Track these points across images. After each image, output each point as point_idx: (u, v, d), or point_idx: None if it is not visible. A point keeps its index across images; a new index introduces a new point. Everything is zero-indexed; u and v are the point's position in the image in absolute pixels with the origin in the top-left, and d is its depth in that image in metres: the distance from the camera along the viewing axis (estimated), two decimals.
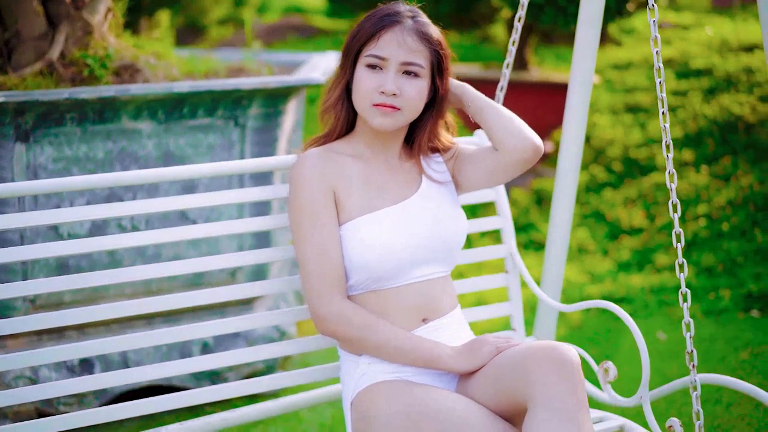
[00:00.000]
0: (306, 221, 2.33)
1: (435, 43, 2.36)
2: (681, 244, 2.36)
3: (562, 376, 2.10)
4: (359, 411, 2.32)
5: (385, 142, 2.43)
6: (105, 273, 2.36)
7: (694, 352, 2.35)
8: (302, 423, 3.64)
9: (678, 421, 2.33)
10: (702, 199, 5.78)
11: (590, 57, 2.91)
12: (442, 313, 2.42)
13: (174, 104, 3.48)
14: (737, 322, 4.54)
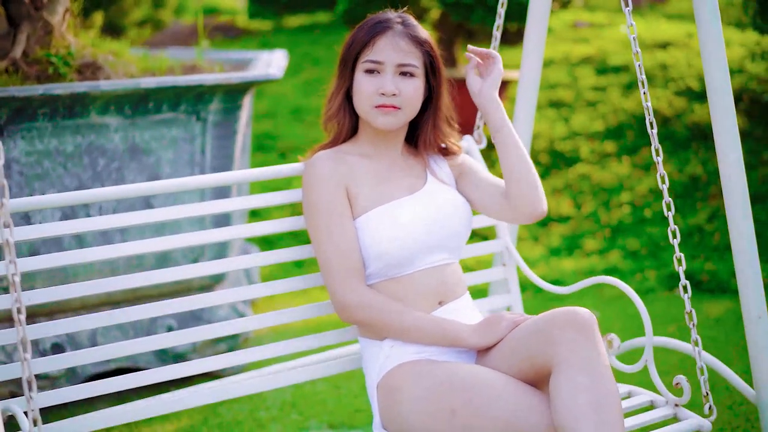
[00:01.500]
0: (324, 218, 2.48)
1: (426, 45, 2.54)
2: (677, 240, 2.56)
3: (585, 337, 2.25)
4: (387, 392, 2.46)
5: (388, 141, 2.60)
6: (72, 253, 2.41)
7: (693, 313, 2.56)
8: (265, 401, 3.83)
9: (684, 377, 2.55)
10: (625, 187, 6.14)
11: (539, 54, 3.18)
12: (456, 296, 2.58)
13: (139, 99, 3.65)
14: (663, 299, 4.87)
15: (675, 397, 2.58)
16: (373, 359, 2.53)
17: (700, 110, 6.83)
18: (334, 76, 2.60)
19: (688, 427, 2.51)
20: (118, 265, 3.73)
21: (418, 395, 2.38)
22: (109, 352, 2.47)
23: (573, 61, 8.12)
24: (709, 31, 2.56)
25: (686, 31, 8.81)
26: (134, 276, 2.51)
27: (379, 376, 2.50)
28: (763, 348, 2.63)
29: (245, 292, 2.64)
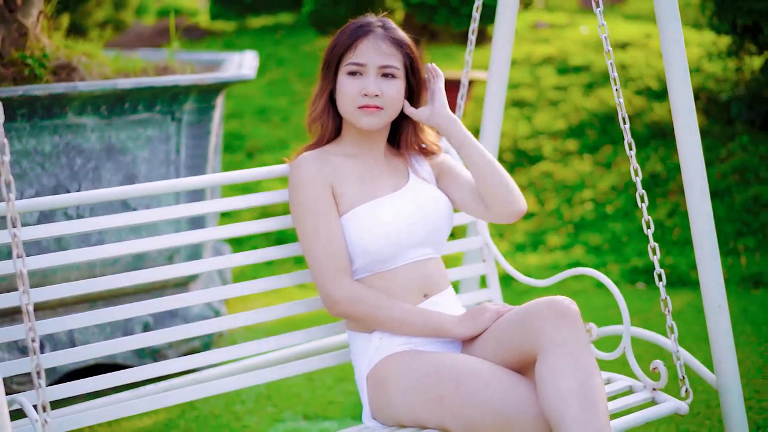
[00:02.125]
0: (311, 217, 2.57)
1: (406, 47, 2.64)
2: (651, 230, 2.66)
3: (568, 324, 2.35)
4: (377, 382, 2.55)
5: (371, 141, 2.69)
6: (52, 255, 2.48)
7: (668, 300, 2.67)
8: (240, 394, 3.92)
9: (661, 362, 2.64)
10: (587, 184, 6.29)
11: (507, 52, 3.29)
12: (439, 289, 2.68)
13: (116, 100, 3.72)
14: (625, 293, 5.01)
15: (652, 381, 2.69)
16: (362, 351, 2.61)
17: (659, 109, 7.00)
18: (318, 79, 2.68)
19: (666, 410, 2.61)
20: (96, 264, 3.79)
21: (407, 385, 2.47)
22: (91, 351, 2.50)
23: (535, 62, 8.27)
24: (670, 32, 2.68)
25: (645, 31, 9.00)
26: (110, 278, 2.55)
27: (369, 367, 2.59)
28: (723, 335, 2.75)
29: (221, 292, 2.70)
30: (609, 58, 2.65)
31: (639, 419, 2.57)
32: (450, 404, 2.39)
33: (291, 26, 10.98)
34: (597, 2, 2.64)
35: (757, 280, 5.15)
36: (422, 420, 2.46)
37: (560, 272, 5.20)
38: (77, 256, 2.52)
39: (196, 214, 2.67)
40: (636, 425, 2.56)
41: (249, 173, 2.77)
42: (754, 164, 6.09)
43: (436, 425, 2.44)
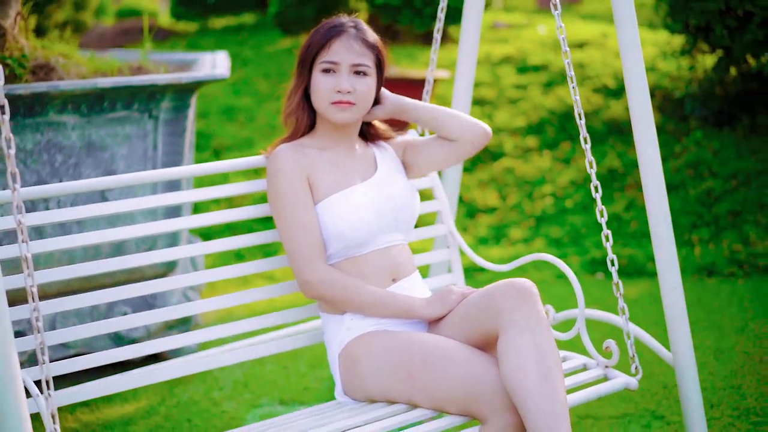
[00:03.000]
0: (288, 205, 2.71)
1: (376, 46, 2.81)
2: (604, 219, 2.82)
3: (527, 303, 2.52)
4: (348, 360, 2.71)
5: (343, 134, 2.85)
6: (35, 242, 2.59)
7: (620, 284, 2.85)
8: (218, 381, 4.06)
9: (613, 341, 2.82)
10: (547, 180, 6.48)
11: (473, 52, 3.46)
12: (407, 273, 2.84)
13: (95, 99, 3.84)
14: (585, 283, 5.21)
15: (605, 359, 2.87)
16: (334, 332, 2.77)
17: (615, 106, 7.22)
18: (293, 76, 2.84)
19: (617, 385, 2.79)
20: (76, 255, 3.91)
21: (377, 363, 2.63)
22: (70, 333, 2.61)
23: (494, 61, 8.45)
24: (627, 33, 2.85)
25: (601, 31, 9.23)
26: (95, 263, 2.68)
27: (341, 347, 2.74)
28: (679, 315, 2.94)
29: (196, 277, 2.83)
30: (566, 58, 2.82)
31: (592, 394, 2.74)
32: (419, 380, 2.55)
33: (254, 27, 11.08)
34: (555, 5, 2.82)
35: (710, 270, 5.37)
36: (392, 395, 2.62)
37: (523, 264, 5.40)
38: (76, 240, 2.65)
39: (173, 203, 2.81)
40: (589, 400, 2.73)
41: (227, 164, 2.92)
42: (707, 159, 6.31)
43: (405, 400, 2.60)
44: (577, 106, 2.83)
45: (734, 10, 6.23)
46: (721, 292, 5.09)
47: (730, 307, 4.87)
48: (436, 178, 3.29)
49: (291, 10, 7.47)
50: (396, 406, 2.63)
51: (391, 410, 2.61)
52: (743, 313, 4.77)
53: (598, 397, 2.76)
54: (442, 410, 2.56)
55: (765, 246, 5.50)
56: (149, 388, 3.99)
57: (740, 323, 4.62)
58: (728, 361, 4.15)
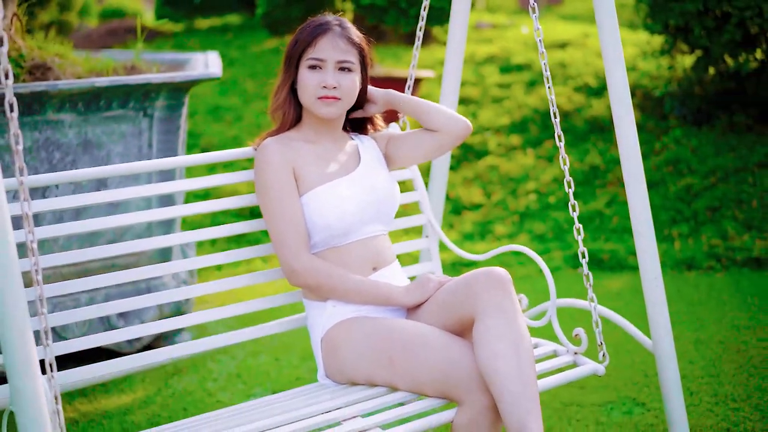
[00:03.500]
0: (275, 197, 2.83)
1: (360, 44, 2.93)
2: (576, 213, 2.94)
3: (501, 291, 2.63)
4: (330, 344, 2.83)
5: (328, 128, 2.97)
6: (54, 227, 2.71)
7: (590, 275, 2.99)
8: (212, 373, 4.17)
9: (582, 329, 2.95)
10: (530, 177, 6.62)
11: (460, 51, 3.58)
12: (387, 262, 2.96)
13: (92, 97, 3.95)
14: (568, 277, 5.35)
15: (574, 346, 2.99)
16: (317, 318, 2.89)
17: (597, 105, 7.36)
18: (280, 72, 2.95)
19: (586, 371, 2.91)
20: (73, 246, 4.01)
21: (358, 348, 2.75)
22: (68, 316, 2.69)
23: (478, 60, 8.59)
24: (609, 33, 2.97)
25: (582, 31, 9.38)
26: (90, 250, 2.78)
27: (323, 332, 2.86)
28: (659, 303, 3.06)
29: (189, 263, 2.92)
30: (543, 59, 2.95)
31: (562, 379, 2.85)
32: (398, 364, 2.67)
33: (239, 28, 11.19)
34: (533, 8, 2.95)
35: (689, 264, 5.51)
36: (373, 379, 2.74)
37: (507, 259, 5.51)
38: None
39: (167, 192, 2.92)
40: (559, 384, 2.85)
41: (218, 155, 3.04)
42: (686, 156, 6.46)
43: (385, 383, 2.72)
44: (552, 105, 2.95)
45: (712, 11, 6.38)
46: (700, 285, 5.23)
47: (709, 299, 5.01)
48: (416, 170, 3.39)
49: (278, 11, 7.58)
50: (377, 389, 2.74)
51: (372, 393, 2.73)
52: (722, 305, 4.91)
53: (568, 382, 2.87)
54: (420, 393, 2.68)
55: (743, 240, 5.65)
56: (145, 378, 4.10)
57: (719, 315, 4.76)
58: (707, 351, 4.28)
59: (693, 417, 3.59)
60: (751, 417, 3.62)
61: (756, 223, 5.81)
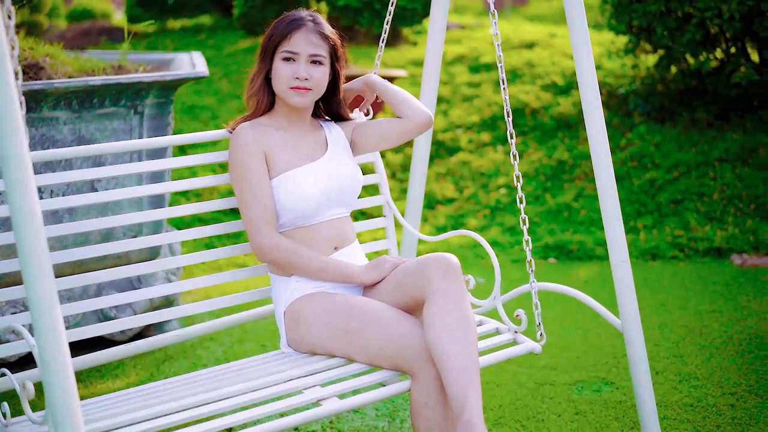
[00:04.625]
0: (246, 178, 3.03)
1: (331, 39, 3.13)
2: (523, 204, 3.15)
3: (450, 274, 2.87)
4: (292, 317, 3.05)
5: (298, 115, 3.18)
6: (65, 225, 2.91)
7: (533, 261, 3.22)
8: (201, 359, 4.35)
9: (523, 310, 3.17)
10: (501, 172, 6.85)
11: (439, 52, 3.79)
12: (348, 243, 3.19)
13: (86, 96, 4.12)
14: (538, 267, 5.57)
15: (515, 325, 3.19)
16: (281, 292, 3.10)
17: (564, 102, 7.61)
18: (256, 62, 3.16)
19: (524, 349, 3.11)
20: (68, 242, 4.18)
21: (318, 321, 2.97)
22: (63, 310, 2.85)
23: (448, 60, 8.81)
24: (579, 34, 3.18)
25: (548, 32, 9.63)
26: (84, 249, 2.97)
27: (286, 304, 3.07)
28: (626, 285, 3.27)
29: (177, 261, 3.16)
30: (500, 62, 3.14)
31: (501, 356, 3.06)
32: (355, 337, 2.89)
33: (211, 28, 11.34)
34: (493, 14, 3.17)
35: (654, 254, 5.77)
36: (331, 350, 2.96)
37: (478, 250, 5.72)
38: (70, 228, 2.96)
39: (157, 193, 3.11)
40: (499, 361, 3.06)
41: (198, 136, 3.27)
42: (650, 152, 6.72)
43: (343, 355, 2.95)
44: (506, 104, 3.16)
45: (674, 12, 6.64)
46: (665, 274, 5.48)
47: (673, 287, 5.26)
48: (377, 155, 3.60)
49: (254, 12, 7.76)
50: (335, 360, 2.96)
51: (331, 363, 2.95)
52: (684, 292, 5.16)
53: (507, 359, 3.08)
54: (376, 365, 2.91)
55: (704, 231, 5.91)
56: (138, 365, 4.27)
57: (682, 301, 5.01)
58: (671, 334, 4.52)
59: (659, 394, 3.82)
60: (713, 393, 3.85)
61: (717, 215, 6.08)
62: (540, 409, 3.76)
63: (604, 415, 3.69)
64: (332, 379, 2.88)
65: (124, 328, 3.06)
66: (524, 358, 4.23)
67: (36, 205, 2.03)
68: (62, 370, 2.09)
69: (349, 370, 2.91)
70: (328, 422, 3.66)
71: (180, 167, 3.25)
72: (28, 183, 2.03)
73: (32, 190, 2.03)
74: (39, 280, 2.03)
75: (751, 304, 4.94)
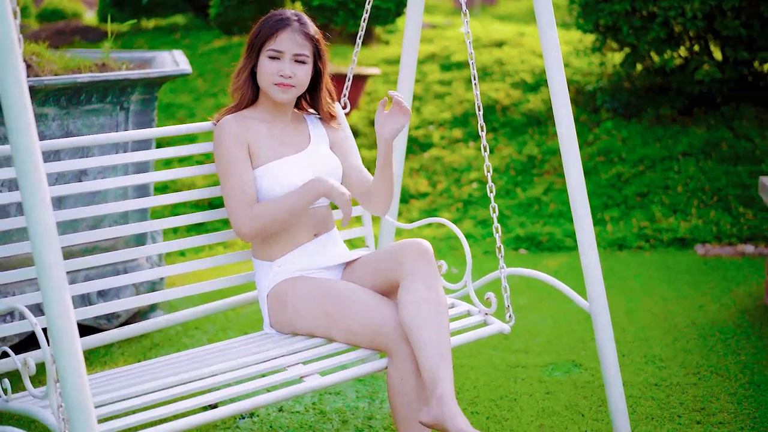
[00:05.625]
0: (230, 166, 3.19)
1: (315, 39, 3.30)
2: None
3: (424, 259, 3.07)
4: (275, 300, 3.21)
5: (281, 109, 3.34)
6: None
7: (502, 247, 3.40)
8: (186, 346, 4.51)
9: (493, 293, 3.34)
10: (473, 167, 7.04)
11: (414, 50, 3.96)
12: (327, 229, 3.35)
13: (74, 92, 4.26)
14: (510, 258, 5.77)
15: (485, 307, 3.37)
16: (264, 276, 3.27)
17: (534, 99, 7.82)
18: (242, 56, 3.31)
19: (493, 330, 3.30)
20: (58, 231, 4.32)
21: (300, 302, 3.15)
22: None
23: (420, 59, 9.00)
24: (548, 33, 3.34)
25: (517, 31, 9.84)
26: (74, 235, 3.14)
27: (269, 288, 3.24)
28: (593, 268, 3.45)
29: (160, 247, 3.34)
30: (471, 59, 3.33)
31: (472, 336, 3.25)
32: (334, 318, 3.08)
33: (186, 27, 11.46)
34: (465, 13, 3.35)
35: (620, 244, 5.99)
36: (313, 331, 3.14)
37: (452, 242, 5.90)
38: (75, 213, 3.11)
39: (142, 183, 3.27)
40: (470, 340, 3.24)
41: (183, 128, 3.45)
42: (616, 147, 6.94)
43: (324, 335, 3.13)
44: (477, 99, 3.35)
45: (639, 11, 6.85)
46: (631, 263, 5.70)
47: (639, 275, 5.47)
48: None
49: (231, 11, 7.92)
50: (316, 340, 3.14)
51: (312, 343, 3.13)
52: (650, 280, 5.37)
53: (478, 339, 3.26)
54: (354, 344, 3.09)
55: (669, 223, 6.13)
56: (125, 352, 4.42)
57: (648, 289, 5.22)
58: (637, 319, 4.73)
59: (625, 374, 4.02)
60: (677, 373, 4.06)
61: (681, 207, 6.30)
62: (512, 390, 3.94)
63: (573, 395, 3.89)
64: (314, 357, 3.05)
65: (112, 311, 3.21)
66: (498, 342, 4.41)
67: (46, 192, 2.18)
68: (71, 344, 2.25)
69: (329, 349, 3.09)
70: (311, 404, 3.83)
71: (160, 158, 3.42)
72: (39, 171, 2.18)
73: (43, 178, 2.18)
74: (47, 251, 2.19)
75: (713, 291, 5.16)
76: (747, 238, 5.98)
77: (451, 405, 2.81)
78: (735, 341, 4.42)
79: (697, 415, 3.67)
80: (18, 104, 2.15)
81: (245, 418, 3.70)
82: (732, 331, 4.55)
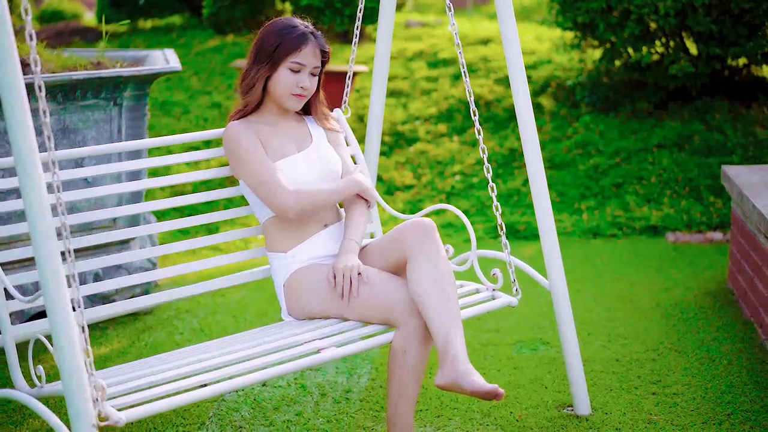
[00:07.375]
0: (255, 156, 3.36)
1: (327, 52, 3.48)
2: (490, 174, 3.64)
3: (428, 237, 3.25)
4: (291, 288, 3.41)
5: (286, 113, 3.55)
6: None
7: (503, 225, 3.61)
8: (178, 328, 4.77)
9: (498, 270, 3.54)
10: (456, 160, 7.31)
11: (387, 48, 4.21)
12: (335, 221, 3.55)
13: (70, 89, 4.52)
14: (489, 245, 6.03)
15: (492, 284, 3.61)
16: (279, 268, 3.48)
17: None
18: (253, 62, 3.45)
19: (501, 303, 3.53)
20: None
21: (314, 288, 3.36)
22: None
23: (408, 56, 9.26)
24: (508, 28, 3.60)
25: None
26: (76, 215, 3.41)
27: (285, 278, 3.45)
28: (552, 247, 3.64)
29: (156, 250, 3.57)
30: (460, 54, 3.57)
31: (482, 309, 3.46)
32: (347, 298, 3.28)
33: (182, 27, 11.71)
34: (449, 7, 3.59)
35: (595, 233, 6.26)
36: (327, 312, 3.34)
37: (445, 230, 6.17)
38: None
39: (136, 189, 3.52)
40: (481, 313, 3.46)
41: (190, 135, 3.65)
42: (594, 140, 7.20)
43: (337, 315, 3.33)
44: (469, 96, 3.57)
45: (615, 9, 7.10)
46: (604, 250, 5.96)
47: (611, 262, 5.73)
48: (356, 146, 3.95)
49: (223, 12, 8.17)
50: (331, 320, 3.35)
51: (327, 322, 3.34)
52: (621, 266, 5.63)
53: (488, 311, 3.49)
54: (366, 321, 3.30)
55: (642, 212, 6.40)
56: (119, 334, 4.68)
57: (618, 274, 5.48)
58: (604, 302, 4.99)
59: (589, 352, 4.27)
60: (638, 350, 4.32)
61: (654, 197, 6.56)
62: (482, 365, 4.20)
63: (539, 370, 4.14)
64: (329, 334, 3.21)
65: (112, 287, 3.42)
66: (472, 322, 4.66)
67: (43, 189, 2.43)
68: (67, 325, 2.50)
69: (344, 326, 3.27)
70: (293, 379, 4.09)
71: (155, 166, 3.65)
72: (38, 171, 2.44)
73: (40, 174, 2.44)
74: (47, 240, 2.44)
75: (679, 275, 5.42)
76: (716, 226, 6.24)
77: (465, 364, 2.98)
78: (695, 320, 4.67)
79: (653, 387, 3.92)
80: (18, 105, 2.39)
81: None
82: (693, 311, 4.80)
